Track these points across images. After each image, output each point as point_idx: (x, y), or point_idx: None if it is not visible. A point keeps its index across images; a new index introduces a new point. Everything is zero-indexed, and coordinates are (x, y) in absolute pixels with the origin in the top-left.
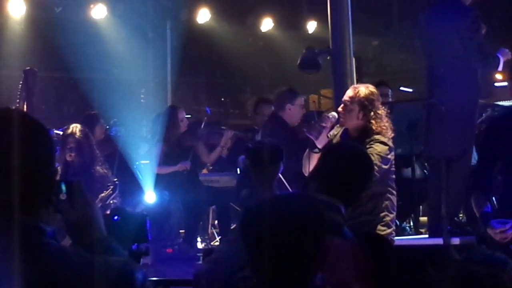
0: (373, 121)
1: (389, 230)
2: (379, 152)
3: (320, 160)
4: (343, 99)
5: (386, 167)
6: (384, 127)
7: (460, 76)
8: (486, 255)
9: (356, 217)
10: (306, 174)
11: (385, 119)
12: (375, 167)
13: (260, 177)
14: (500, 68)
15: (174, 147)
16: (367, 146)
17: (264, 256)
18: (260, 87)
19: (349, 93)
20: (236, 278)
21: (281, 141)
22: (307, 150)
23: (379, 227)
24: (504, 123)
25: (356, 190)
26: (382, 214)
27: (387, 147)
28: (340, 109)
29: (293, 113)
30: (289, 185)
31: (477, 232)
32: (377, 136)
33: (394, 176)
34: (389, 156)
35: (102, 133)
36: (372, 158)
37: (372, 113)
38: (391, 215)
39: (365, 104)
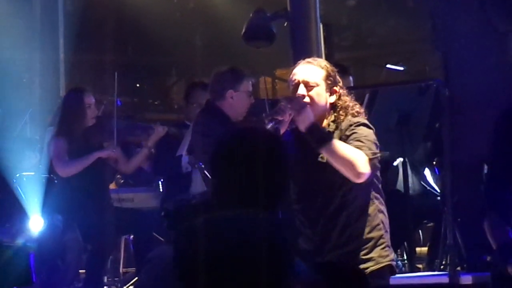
0: (342, 99)
1: (392, 255)
2: (365, 135)
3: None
4: (301, 80)
5: (379, 155)
6: (357, 106)
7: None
8: None
9: (345, 244)
10: None
11: (350, 97)
12: (372, 154)
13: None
14: None
15: (79, 146)
16: (348, 133)
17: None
18: (191, 67)
19: (306, 68)
20: None
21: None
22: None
23: (380, 251)
24: None
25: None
26: (378, 233)
27: (371, 130)
28: (299, 92)
29: (236, 102)
30: None
31: (493, 270)
32: (354, 119)
33: (380, 178)
34: (376, 141)
35: None
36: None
37: (340, 90)
38: (387, 234)
39: (332, 78)
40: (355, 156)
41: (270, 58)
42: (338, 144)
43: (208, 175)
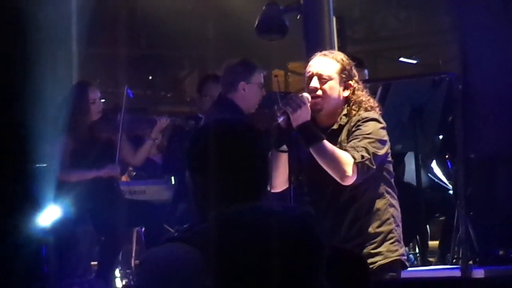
0: (357, 94)
1: (401, 250)
2: (370, 131)
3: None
4: (313, 70)
5: (382, 152)
6: (371, 101)
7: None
8: None
9: (354, 238)
10: (271, 186)
11: (365, 92)
12: (368, 155)
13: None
14: None
15: (86, 142)
16: (353, 129)
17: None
18: (203, 59)
19: (321, 60)
20: None
21: None
22: (270, 150)
23: (388, 246)
24: None
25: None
26: (388, 228)
27: (380, 125)
28: (312, 84)
29: (248, 94)
30: None
31: None
32: (364, 114)
33: (392, 170)
34: (386, 138)
35: None
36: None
37: (355, 84)
38: (399, 229)
39: (347, 72)
40: (341, 159)
41: (283, 51)
42: (326, 146)
43: None
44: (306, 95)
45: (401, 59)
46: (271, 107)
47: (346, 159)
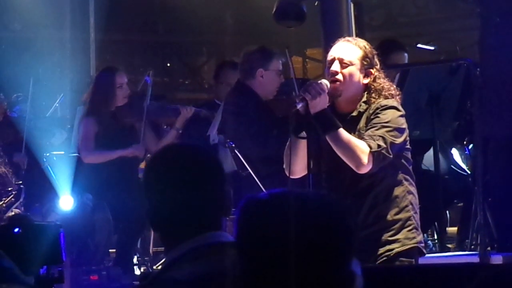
0: (377, 82)
1: (419, 237)
2: (388, 120)
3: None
4: (336, 57)
5: (399, 140)
6: (391, 89)
7: None
8: None
9: (372, 224)
10: (287, 171)
11: (387, 80)
12: (384, 144)
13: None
14: None
15: (110, 127)
16: (372, 117)
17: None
18: (221, 46)
19: (343, 48)
20: None
21: (249, 121)
22: (289, 137)
23: (406, 233)
24: None
25: None
26: (406, 215)
27: (399, 113)
28: (333, 68)
29: (266, 81)
30: (265, 180)
31: None
32: (383, 101)
33: (410, 157)
34: (404, 126)
35: (1, 114)
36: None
37: (376, 72)
38: (417, 216)
39: (369, 60)
40: (357, 148)
41: (301, 38)
42: (343, 135)
43: (239, 154)
44: (325, 81)
45: (419, 45)
46: (289, 94)
47: (362, 148)
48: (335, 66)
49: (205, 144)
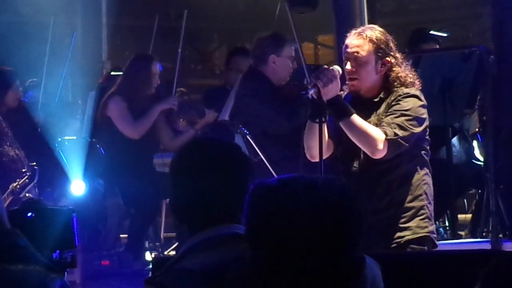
0: (394, 70)
1: (431, 227)
2: (409, 108)
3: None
4: (348, 51)
5: (418, 130)
6: (410, 76)
7: None
8: None
9: (384, 210)
10: (309, 156)
11: (404, 66)
12: (401, 133)
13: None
14: None
15: (138, 111)
16: (393, 104)
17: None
18: (233, 32)
19: (355, 41)
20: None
21: (263, 107)
22: (307, 122)
23: (418, 221)
24: None
25: None
26: (420, 204)
27: (420, 102)
28: (348, 67)
29: (279, 67)
30: (277, 166)
31: None
32: (405, 90)
33: (429, 147)
34: (424, 116)
35: (16, 99)
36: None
37: (392, 60)
38: (430, 206)
39: (382, 50)
40: (371, 135)
41: (313, 24)
42: (357, 121)
43: (251, 140)
44: (337, 67)
45: (431, 32)
46: (301, 80)
47: (377, 135)
48: (349, 64)
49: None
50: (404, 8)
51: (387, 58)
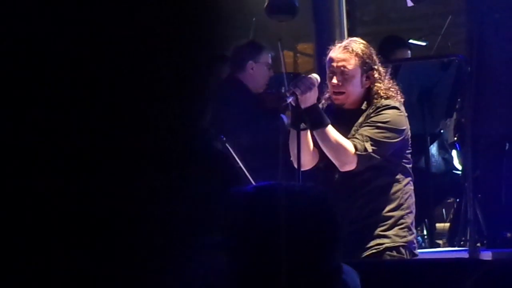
0: (377, 83)
1: (410, 237)
2: (387, 120)
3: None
4: (334, 65)
5: (395, 140)
6: (392, 89)
7: None
8: None
9: (364, 218)
10: (294, 163)
11: (387, 78)
12: (372, 146)
13: None
14: None
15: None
16: (372, 115)
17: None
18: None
19: (341, 55)
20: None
21: (241, 114)
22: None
23: (398, 230)
24: None
25: None
26: (400, 213)
27: (399, 113)
28: (334, 81)
29: (256, 74)
30: (255, 174)
31: None
32: (385, 102)
33: (410, 156)
34: (404, 127)
35: None
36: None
37: (376, 73)
38: (412, 216)
39: (367, 64)
40: (342, 148)
41: (292, 32)
42: (331, 132)
43: (229, 148)
44: (315, 76)
45: (411, 41)
46: (278, 88)
47: (348, 148)
48: (337, 79)
49: None
50: (384, 16)
51: (372, 72)
